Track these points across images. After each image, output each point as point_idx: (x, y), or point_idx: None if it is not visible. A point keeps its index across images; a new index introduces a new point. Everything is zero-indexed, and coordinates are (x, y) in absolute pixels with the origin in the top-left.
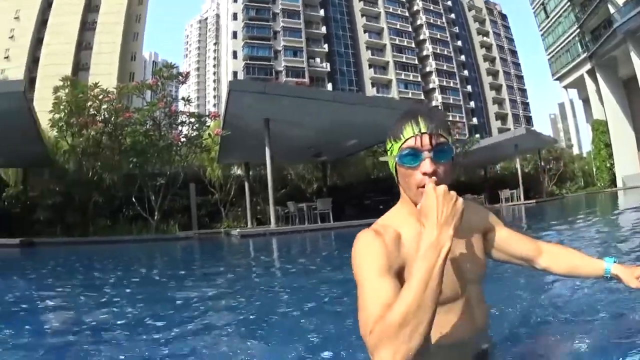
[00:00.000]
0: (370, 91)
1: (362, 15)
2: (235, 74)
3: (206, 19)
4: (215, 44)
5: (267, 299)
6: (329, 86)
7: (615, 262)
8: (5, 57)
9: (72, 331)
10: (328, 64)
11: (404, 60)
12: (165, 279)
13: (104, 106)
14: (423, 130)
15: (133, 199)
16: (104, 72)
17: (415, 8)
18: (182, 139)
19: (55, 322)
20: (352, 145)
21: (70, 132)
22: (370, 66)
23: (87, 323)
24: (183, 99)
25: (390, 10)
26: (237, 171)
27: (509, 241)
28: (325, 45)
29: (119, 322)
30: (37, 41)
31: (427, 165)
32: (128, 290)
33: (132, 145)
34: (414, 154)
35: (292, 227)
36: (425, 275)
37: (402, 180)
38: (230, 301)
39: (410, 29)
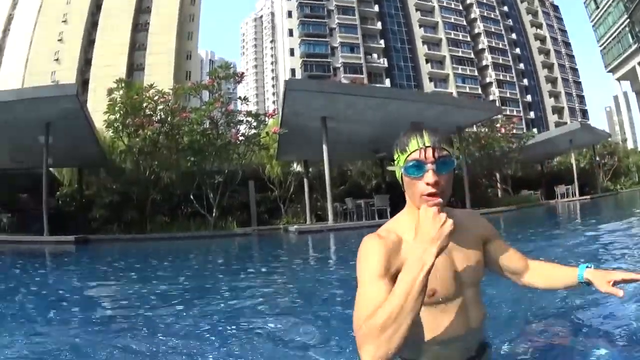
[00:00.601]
0: (429, 86)
1: (417, 10)
2: (293, 71)
3: (261, 17)
4: (271, 41)
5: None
6: (387, 82)
7: (588, 267)
8: (55, 60)
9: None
10: (385, 60)
11: (460, 54)
12: (218, 273)
13: (160, 107)
14: (427, 144)
15: (191, 197)
16: (159, 72)
17: (469, 1)
18: (240, 138)
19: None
20: None
21: (126, 133)
22: (427, 61)
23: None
24: (240, 98)
25: (444, 3)
26: (297, 168)
27: (504, 254)
28: (382, 41)
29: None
30: (88, 43)
31: (430, 176)
32: (181, 284)
33: (190, 144)
34: (419, 166)
35: (349, 223)
36: (407, 286)
37: (407, 188)
38: (284, 292)
39: (464, 23)
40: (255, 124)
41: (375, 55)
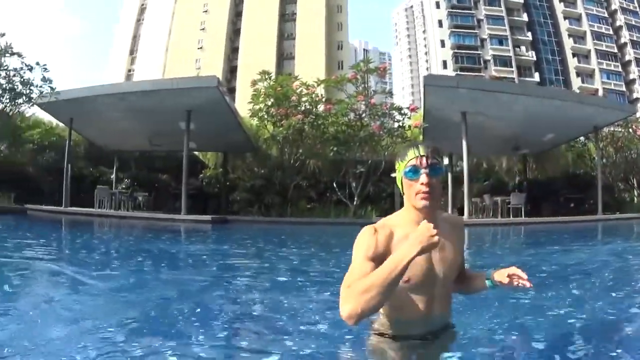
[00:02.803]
0: (575, 81)
1: (560, 1)
2: (444, 63)
3: (411, 6)
4: (423, 31)
5: None
6: (536, 76)
7: (493, 269)
8: (199, 48)
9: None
10: (533, 53)
11: (603, 48)
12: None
13: (304, 98)
14: (422, 154)
15: (334, 185)
16: (310, 62)
17: None
18: (384, 130)
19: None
20: (550, 139)
21: (270, 122)
22: (573, 55)
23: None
24: (384, 92)
25: None
26: (446, 161)
27: (460, 262)
28: (529, 34)
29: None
30: (234, 32)
31: (424, 178)
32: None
33: (335, 135)
34: (415, 170)
35: (481, 219)
36: (391, 266)
37: (406, 190)
38: None
39: (606, 14)
40: (398, 117)
41: (523, 48)
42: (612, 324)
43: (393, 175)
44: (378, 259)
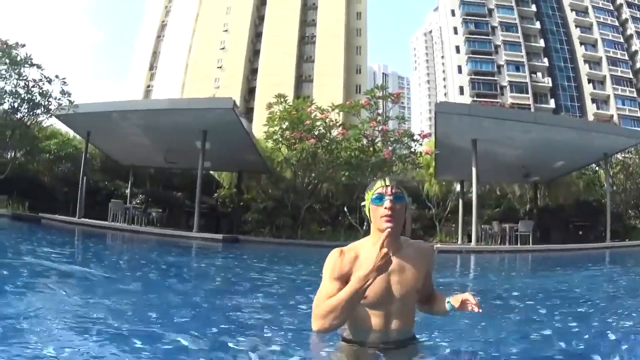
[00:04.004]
0: (591, 107)
1: (576, 27)
2: (461, 89)
3: (430, 31)
4: (442, 57)
5: None
6: (552, 102)
7: (453, 294)
8: (218, 67)
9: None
10: (549, 79)
11: (619, 74)
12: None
13: (318, 123)
14: (387, 184)
15: (345, 209)
16: (328, 85)
17: (624, 16)
18: (394, 157)
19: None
20: (560, 167)
21: (285, 145)
22: (589, 81)
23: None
24: (397, 117)
25: (601, 19)
26: (458, 187)
27: (427, 283)
28: (545, 60)
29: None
30: (253, 53)
31: (387, 203)
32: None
33: (347, 159)
34: (380, 197)
35: (488, 246)
36: (348, 293)
37: (372, 215)
38: None
39: (621, 40)
40: (409, 143)
41: (539, 74)
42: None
43: (363, 203)
44: (343, 279)
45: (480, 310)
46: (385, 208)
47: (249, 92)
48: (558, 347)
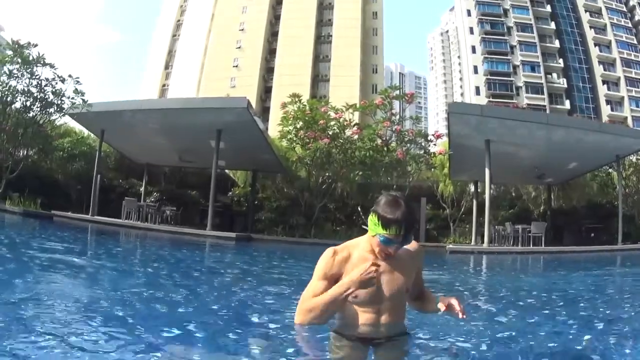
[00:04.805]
0: (605, 109)
1: (591, 28)
2: (477, 89)
3: (447, 31)
4: (458, 57)
5: None
6: (567, 103)
7: (443, 295)
8: (234, 66)
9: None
10: (564, 80)
11: (632, 75)
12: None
13: (332, 122)
14: (402, 232)
15: (359, 208)
16: (344, 84)
17: (637, 18)
18: (408, 157)
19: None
20: (573, 168)
21: (299, 144)
22: (603, 82)
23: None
24: (411, 117)
25: (614, 20)
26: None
27: (417, 281)
28: (561, 60)
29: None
30: (269, 52)
31: (393, 250)
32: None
33: (361, 159)
34: (390, 242)
35: (500, 247)
36: (329, 298)
37: (374, 242)
38: None
39: (635, 41)
40: (423, 143)
41: (555, 75)
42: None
43: (366, 227)
44: (332, 279)
45: (465, 317)
46: (390, 250)
47: (265, 91)
48: (547, 346)
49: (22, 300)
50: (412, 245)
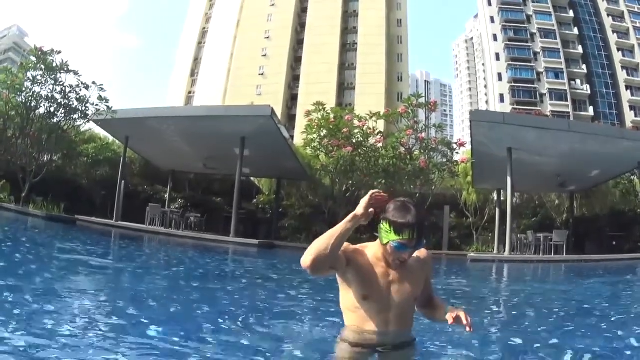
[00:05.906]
0: (629, 115)
1: (614, 32)
2: (501, 96)
3: (472, 38)
4: (483, 64)
5: None
6: (591, 110)
7: (452, 305)
8: (260, 74)
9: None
10: (588, 86)
11: None
12: None
13: (355, 130)
14: (415, 237)
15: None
16: (370, 92)
17: None
18: (431, 165)
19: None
20: (595, 176)
21: (324, 152)
22: (627, 88)
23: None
24: (435, 126)
25: (637, 24)
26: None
27: (425, 287)
28: (584, 66)
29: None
30: (295, 60)
31: (408, 255)
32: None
33: (385, 167)
34: (403, 247)
35: (521, 256)
36: (342, 227)
37: (386, 248)
38: None
39: None
40: (446, 152)
41: (578, 82)
42: None
43: (378, 235)
44: (347, 261)
45: (472, 330)
46: (404, 256)
47: (292, 99)
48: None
49: (42, 298)
50: (422, 253)
